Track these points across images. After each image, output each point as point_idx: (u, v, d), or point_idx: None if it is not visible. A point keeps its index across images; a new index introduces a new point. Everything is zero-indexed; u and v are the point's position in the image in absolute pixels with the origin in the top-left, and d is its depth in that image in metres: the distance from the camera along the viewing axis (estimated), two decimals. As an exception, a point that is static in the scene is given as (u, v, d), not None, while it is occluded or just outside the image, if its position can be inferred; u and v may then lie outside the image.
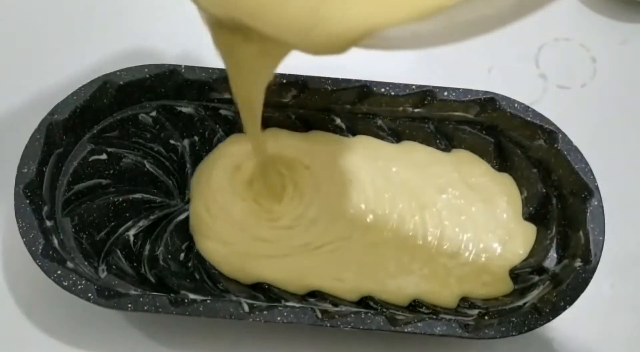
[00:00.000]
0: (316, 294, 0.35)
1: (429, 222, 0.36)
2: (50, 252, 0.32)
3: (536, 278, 0.35)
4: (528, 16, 0.18)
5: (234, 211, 0.36)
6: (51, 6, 0.45)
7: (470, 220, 0.37)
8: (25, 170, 0.33)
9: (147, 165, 0.38)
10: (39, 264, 0.31)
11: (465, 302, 0.35)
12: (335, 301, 0.34)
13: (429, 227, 0.36)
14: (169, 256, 0.36)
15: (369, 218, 0.36)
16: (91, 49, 0.44)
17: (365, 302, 0.35)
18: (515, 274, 0.36)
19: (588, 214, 0.34)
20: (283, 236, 0.36)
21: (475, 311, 0.34)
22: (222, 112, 0.38)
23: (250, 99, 0.29)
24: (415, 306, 0.35)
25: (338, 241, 0.36)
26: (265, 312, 0.31)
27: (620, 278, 0.38)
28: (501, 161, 0.38)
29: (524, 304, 0.34)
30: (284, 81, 0.36)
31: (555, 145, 0.36)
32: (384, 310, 0.34)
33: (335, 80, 0.37)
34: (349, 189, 0.37)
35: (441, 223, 0.37)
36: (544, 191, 0.37)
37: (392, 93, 0.37)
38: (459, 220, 0.37)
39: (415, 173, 0.38)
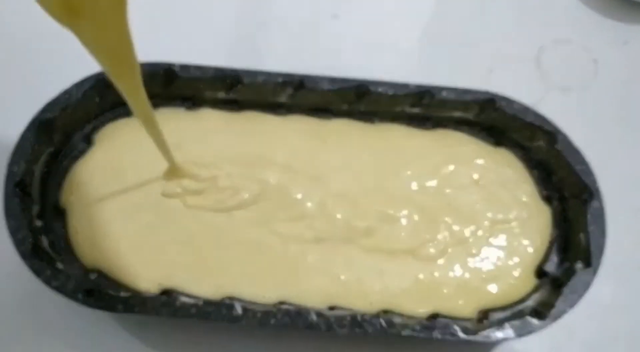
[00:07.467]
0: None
1: (447, 229, 0.34)
2: (40, 253, 0.31)
3: (537, 281, 0.34)
4: None
5: None
6: (44, 3, 0.45)
7: (490, 220, 0.35)
8: (16, 168, 0.32)
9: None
10: (28, 264, 0.30)
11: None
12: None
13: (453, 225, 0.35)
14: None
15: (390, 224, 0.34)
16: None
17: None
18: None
19: (589, 216, 0.33)
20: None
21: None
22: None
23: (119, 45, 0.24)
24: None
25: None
26: (258, 315, 0.31)
27: (621, 281, 0.37)
28: (501, 162, 0.38)
29: (525, 307, 0.33)
30: (281, 80, 0.36)
31: (556, 147, 0.35)
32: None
33: (332, 80, 0.36)
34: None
35: (464, 229, 0.34)
36: (545, 192, 0.36)
37: (390, 92, 0.36)
38: (479, 218, 0.35)
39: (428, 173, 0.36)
